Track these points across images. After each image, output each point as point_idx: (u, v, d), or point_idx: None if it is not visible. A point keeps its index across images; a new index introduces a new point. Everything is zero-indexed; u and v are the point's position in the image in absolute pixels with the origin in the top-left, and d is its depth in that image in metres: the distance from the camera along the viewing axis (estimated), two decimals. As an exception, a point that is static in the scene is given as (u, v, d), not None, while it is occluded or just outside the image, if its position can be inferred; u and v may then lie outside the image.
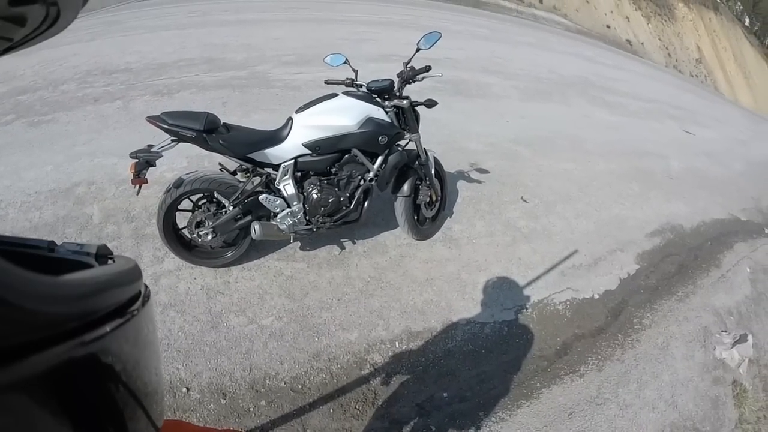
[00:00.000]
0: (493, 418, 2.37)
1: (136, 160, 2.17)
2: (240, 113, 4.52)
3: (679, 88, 10.38)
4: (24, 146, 3.58)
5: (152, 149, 2.21)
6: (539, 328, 2.90)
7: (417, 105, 2.80)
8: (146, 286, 0.42)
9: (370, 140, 2.63)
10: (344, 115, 2.55)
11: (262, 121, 4.27)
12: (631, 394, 2.58)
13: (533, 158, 4.86)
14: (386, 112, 2.69)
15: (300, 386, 2.30)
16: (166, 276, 2.69)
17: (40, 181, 3.17)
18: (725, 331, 3.18)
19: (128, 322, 0.34)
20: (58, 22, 0.31)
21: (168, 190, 2.40)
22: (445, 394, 2.43)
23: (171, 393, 2.16)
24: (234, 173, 2.56)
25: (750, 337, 3.12)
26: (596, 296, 3.24)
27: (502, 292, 3.08)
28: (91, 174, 3.31)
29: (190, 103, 4.64)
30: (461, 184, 4.02)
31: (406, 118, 2.77)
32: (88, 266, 0.38)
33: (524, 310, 2.99)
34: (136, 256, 2.76)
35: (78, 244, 0.40)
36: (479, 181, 4.06)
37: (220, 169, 2.57)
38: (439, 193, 3.28)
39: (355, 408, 2.28)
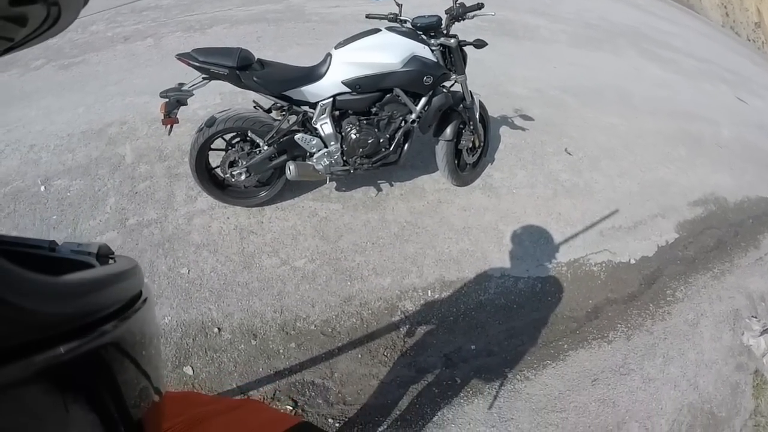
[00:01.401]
0: (518, 376, 2.35)
1: (167, 100, 2.09)
2: (275, 48, 4.34)
3: (734, 51, 9.54)
4: (55, 89, 3.49)
5: (183, 88, 2.12)
6: (572, 288, 2.82)
7: (465, 45, 2.60)
8: (147, 285, 0.42)
9: (415, 80, 2.47)
10: (387, 52, 2.39)
11: (298, 57, 4.08)
12: (656, 368, 2.54)
13: (579, 109, 4.57)
14: (432, 51, 2.52)
15: (330, 330, 2.30)
16: (199, 215, 2.65)
17: (72, 124, 3.11)
18: (755, 317, 3.05)
19: (129, 322, 0.34)
20: (59, 22, 0.31)
21: (200, 129, 2.32)
22: (473, 347, 2.41)
23: (203, 333, 2.18)
24: (269, 111, 2.46)
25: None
26: (632, 261, 3.13)
27: (539, 247, 2.97)
28: (123, 114, 3.24)
29: (223, 38, 4.47)
30: (504, 131, 3.82)
31: (453, 59, 2.59)
32: (89, 266, 0.37)
33: (559, 268, 2.90)
34: (169, 194, 2.73)
35: (79, 244, 0.39)
36: (523, 129, 3.84)
37: (255, 107, 2.47)
38: (482, 139, 3.12)
39: (384, 354, 2.27)
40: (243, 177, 2.45)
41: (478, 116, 2.91)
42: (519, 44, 5.77)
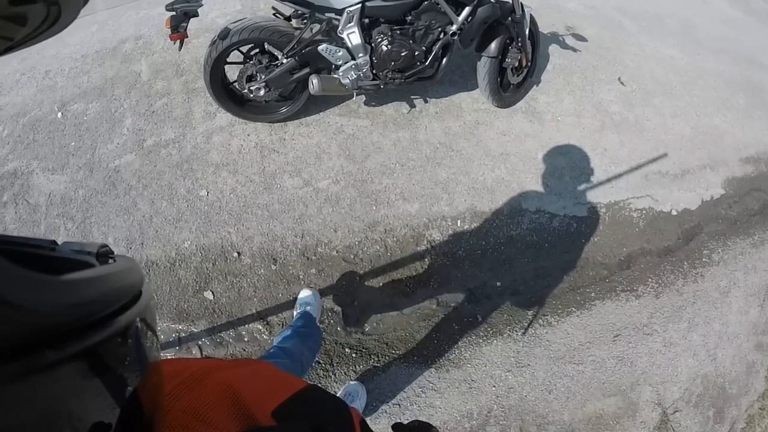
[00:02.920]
0: (540, 321, 2.30)
1: (173, 13, 1.89)
2: None
3: None
4: None
5: None
6: (608, 233, 2.65)
7: None
8: (146, 285, 0.41)
9: None
10: None
11: None
12: (679, 333, 2.43)
13: (638, 35, 4.10)
14: None
15: (352, 256, 2.20)
16: (218, 133, 2.51)
17: (86, 44, 2.97)
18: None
19: (129, 321, 0.34)
20: (59, 22, 0.31)
21: (213, 43, 2.13)
22: (498, 284, 2.33)
23: (222, 257, 2.13)
24: (289, 19, 2.22)
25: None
26: (674, 212, 2.91)
27: (580, 183, 2.75)
28: (137, 28, 3.07)
29: None
30: (553, 50, 3.44)
31: None
32: (89, 266, 0.36)
33: (598, 209, 2.70)
34: (187, 111, 2.59)
35: (79, 244, 0.38)
36: (574, 50, 3.44)
37: (274, 14, 2.23)
38: (530, 58, 2.79)
39: (406, 285, 2.20)
40: (262, 92, 2.25)
41: (527, 32, 2.59)
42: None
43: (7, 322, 0.22)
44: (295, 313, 1.93)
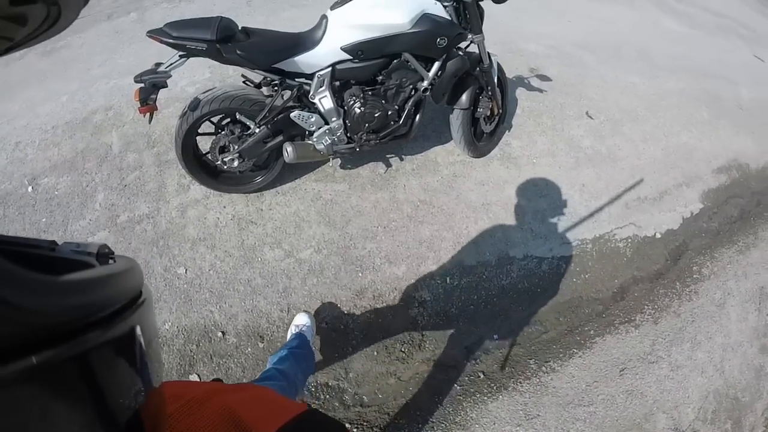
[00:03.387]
0: (544, 368, 2.25)
1: (142, 85, 1.82)
2: (266, 12, 4.02)
3: (750, 6, 9.04)
4: (38, 78, 3.30)
5: (159, 69, 1.84)
6: (598, 267, 2.66)
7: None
8: (146, 286, 0.41)
9: (426, 42, 2.15)
10: (393, 10, 2.06)
11: (293, 20, 3.81)
12: (684, 354, 2.42)
13: (598, 67, 4.25)
14: (444, 7, 2.19)
15: (342, 327, 2.13)
16: (193, 206, 2.45)
17: (56, 115, 2.92)
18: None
19: (129, 322, 0.34)
20: (59, 22, 0.31)
21: (183, 114, 2.07)
22: (495, 337, 2.28)
23: (206, 338, 2.05)
24: (259, 86, 2.17)
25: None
26: (658, 235, 2.95)
27: (563, 222, 2.76)
28: (108, 98, 3.03)
29: (211, 5, 4.13)
30: (521, 93, 3.51)
31: (469, 16, 2.26)
32: (89, 266, 0.35)
33: (584, 246, 2.72)
34: (160, 185, 2.53)
35: (79, 244, 0.37)
36: (540, 90, 3.54)
37: (244, 82, 2.18)
38: (501, 105, 2.80)
39: (401, 350, 2.13)
40: (236, 163, 2.20)
41: (496, 80, 2.60)
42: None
43: (6, 323, 0.22)
44: (289, 334, 1.88)
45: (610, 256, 2.71)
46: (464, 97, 2.49)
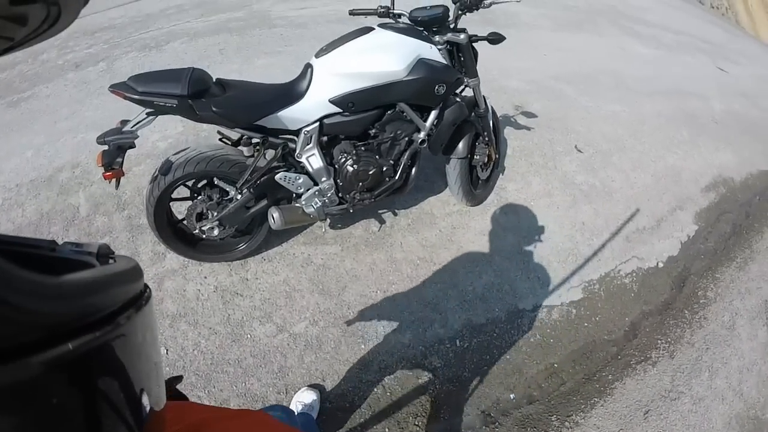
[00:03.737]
0: (567, 423, 2.13)
1: (105, 147, 1.59)
2: (240, 60, 3.91)
3: (702, 19, 9.69)
4: (2, 131, 3.11)
5: (125, 128, 1.61)
6: (607, 307, 2.59)
7: (477, 40, 2.14)
8: (147, 286, 0.41)
9: (424, 90, 1.99)
10: (387, 56, 1.88)
11: (268, 67, 3.71)
12: (703, 385, 2.38)
13: (579, 98, 4.31)
14: (439, 51, 2.03)
15: (348, 405, 1.94)
16: (171, 277, 2.22)
17: (21, 171, 2.73)
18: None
19: (129, 322, 0.34)
20: (59, 23, 0.31)
21: (154, 179, 1.84)
22: (512, 396, 2.14)
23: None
24: (237, 144, 1.95)
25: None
26: (660, 264, 2.94)
27: (568, 266, 2.68)
28: (75, 154, 2.84)
29: (182, 55, 4.02)
30: (510, 132, 3.48)
31: (463, 58, 2.13)
32: (90, 266, 0.35)
33: (592, 287, 2.65)
34: (133, 253, 2.30)
35: (79, 244, 0.37)
36: (528, 128, 3.52)
37: (221, 139, 1.96)
38: (497, 150, 2.69)
39: (414, 424, 1.96)
40: (216, 231, 1.99)
41: (491, 125, 2.50)
42: (503, 33, 5.45)
43: (6, 323, 0.22)
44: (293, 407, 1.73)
45: (618, 294, 2.65)
46: (461, 146, 2.37)
